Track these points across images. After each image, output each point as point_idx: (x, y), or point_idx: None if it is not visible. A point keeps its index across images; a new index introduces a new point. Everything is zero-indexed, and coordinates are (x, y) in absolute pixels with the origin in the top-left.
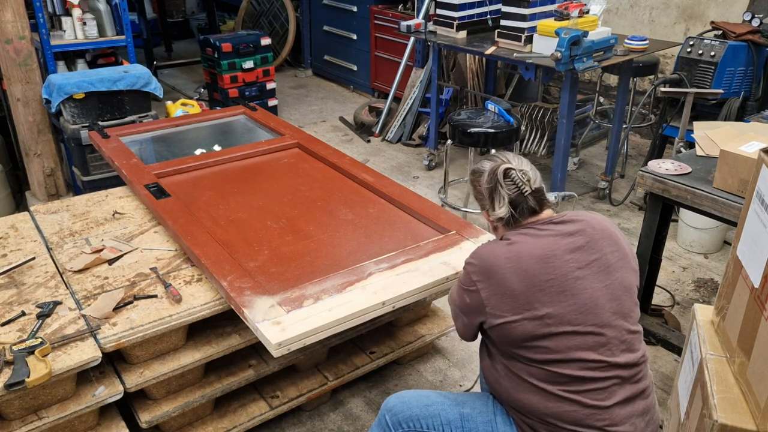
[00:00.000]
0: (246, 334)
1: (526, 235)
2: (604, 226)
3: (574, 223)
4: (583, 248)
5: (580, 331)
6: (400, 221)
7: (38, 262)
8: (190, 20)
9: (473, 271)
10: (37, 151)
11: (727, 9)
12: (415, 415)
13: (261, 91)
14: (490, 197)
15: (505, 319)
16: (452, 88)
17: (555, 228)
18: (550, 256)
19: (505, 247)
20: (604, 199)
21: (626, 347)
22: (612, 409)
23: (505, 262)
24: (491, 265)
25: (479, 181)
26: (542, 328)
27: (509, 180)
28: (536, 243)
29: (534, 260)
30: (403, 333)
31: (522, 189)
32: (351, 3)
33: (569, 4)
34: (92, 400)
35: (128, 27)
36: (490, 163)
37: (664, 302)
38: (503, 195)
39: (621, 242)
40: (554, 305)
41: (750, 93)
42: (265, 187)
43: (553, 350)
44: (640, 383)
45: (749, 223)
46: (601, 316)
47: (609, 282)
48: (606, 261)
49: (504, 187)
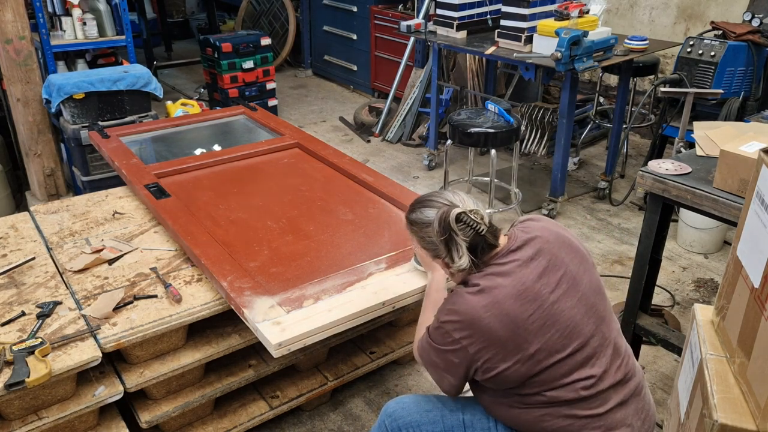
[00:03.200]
0: (246, 334)
1: (494, 275)
2: (556, 233)
3: (530, 244)
4: (548, 268)
5: (569, 354)
6: (400, 221)
7: (38, 262)
8: (190, 20)
9: (455, 329)
10: (37, 151)
11: (727, 9)
12: (415, 421)
13: (261, 91)
14: (446, 248)
15: (498, 369)
16: (452, 88)
17: (515, 257)
18: (522, 291)
19: (479, 297)
20: (604, 199)
21: (612, 349)
22: (607, 415)
23: (484, 311)
24: (473, 319)
25: (425, 231)
26: (535, 366)
27: (463, 224)
28: (507, 282)
29: (511, 301)
30: (403, 333)
31: (478, 230)
32: (351, 3)
33: (569, 4)
34: (92, 400)
35: (128, 27)
36: (431, 210)
37: (664, 302)
38: (460, 243)
39: (575, 244)
40: (540, 340)
41: (750, 93)
42: (265, 187)
43: (548, 381)
44: (631, 381)
45: (749, 223)
46: (584, 331)
47: (580, 294)
48: (571, 273)
49: (459, 234)
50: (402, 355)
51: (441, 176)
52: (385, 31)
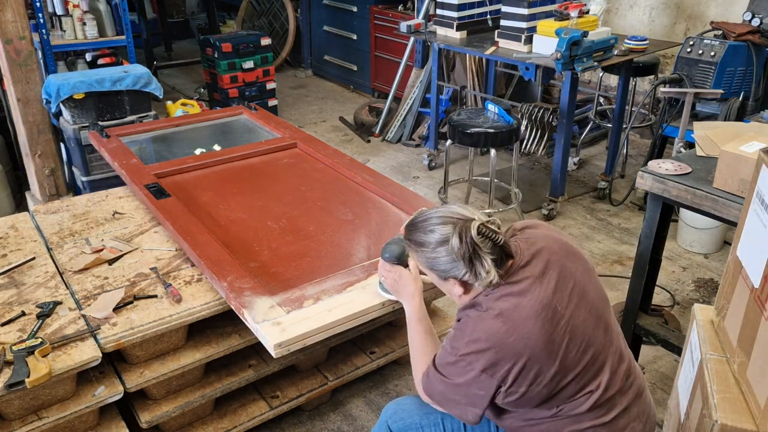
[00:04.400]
0: (246, 334)
1: (509, 296)
2: (559, 241)
3: (537, 258)
4: (559, 282)
5: (583, 368)
6: (400, 221)
7: (38, 262)
8: (190, 20)
9: (477, 360)
10: (37, 151)
11: (727, 9)
12: (416, 423)
13: (261, 91)
14: (469, 265)
15: (520, 393)
16: (452, 88)
17: (527, 273)
18: (541, 310)
19: (497, 321)
20: (604, 199)
21: (618, 355)
22: (612, 423)
23: (506, 336)
24: (498, 345)
25: (437, 252)
26: (555, 386)
27: (482, 237)
28: (524, 302)
29: (532, 322)
30: (403, 333)
31: (497, 241)
32: (351, 3)
33: (569, 4)
34: (92, 400)
35: (128, 27)
36: (445, 226)
37: (664, 302)
38: (484, 257)
39: (576, 250)
40: (558, 360)
41: (750, 93)
42: (265, 187)
43: (563, 399)
44: (633, 385)
45: (749, 223)
46: (595, 342)
47: (589, 305)
48: (579, 284)
49: (482, 248)
50: (402, 355)
51: (441, 176)
52: (385, 31)
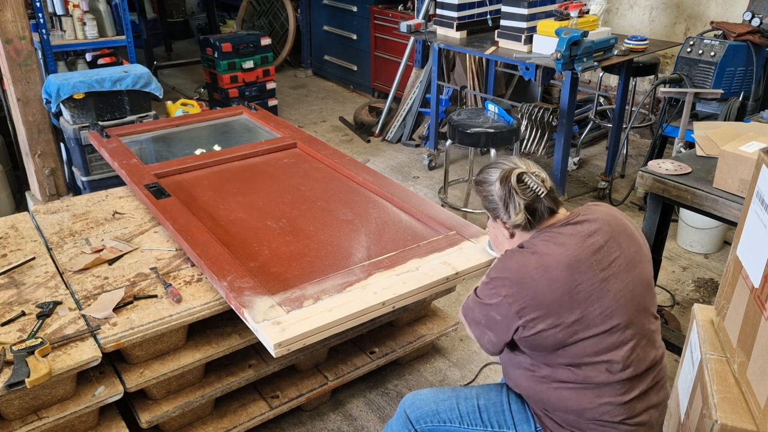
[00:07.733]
0: (246, 334)
1: (549, 241)
2: (619, 221)
3: (590, 223)
4: (603, 248)
5: (605, 332)
6: (400, 221)
7: (38, 262)
8: (190, 20)
9: (503, 285)
10: (37, 151)
11: (727, 9)
12: (433, 410)
13: (261, 91)
14: (504, 205)
15: (537, 329)
16: (452, 88)
17: (574, 230)
18: (575, 262)
19: (532, 257)
20: (604, 199)
21: (648, 342)
22: (629, 404)
23: (535, 272)
24: (523, 278)
25: (489, 190)
26: (571, 335)
27: (523, 185)
28: (561, 250)
29: (562, 268)
30: (403, 333)
31: (538, 192)
32: (351, 3)
33: (569, 4)
34: (92, 400)
35: (128, 27)
36: (496, 170)
37: (664, 302)
38: (518, 202)
39: (635, 234)
40: (582, 311)
41: (750, 93)
42: (265, 187)
43: (578, 355)
44: (658, 376)
45: (749, 223)
46: (625, 315)
47: (629, 279)
48: (625, 258)
49: (519, 193)
50: (402, 355)
51: (441, 176)
52: (385, 31)
